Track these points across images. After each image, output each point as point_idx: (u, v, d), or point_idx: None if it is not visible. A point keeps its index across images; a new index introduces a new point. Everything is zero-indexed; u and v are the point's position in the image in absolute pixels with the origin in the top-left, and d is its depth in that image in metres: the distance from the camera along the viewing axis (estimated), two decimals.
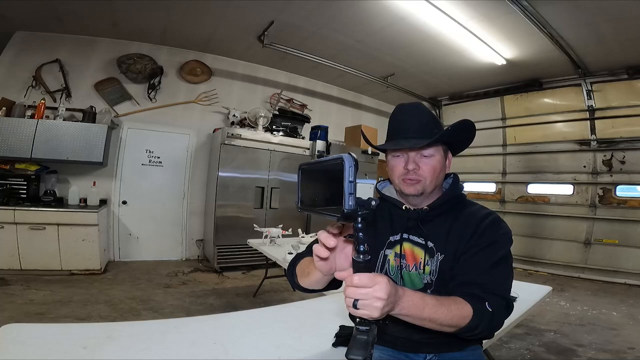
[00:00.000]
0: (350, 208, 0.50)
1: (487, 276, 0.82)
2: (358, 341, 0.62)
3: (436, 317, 0.72)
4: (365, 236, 0.56)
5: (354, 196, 0.51)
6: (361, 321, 0.63)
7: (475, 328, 0.76)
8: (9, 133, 3.54)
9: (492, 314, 0.77)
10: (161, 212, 4.73)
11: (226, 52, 5.03)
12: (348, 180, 0.50)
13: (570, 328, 2.95)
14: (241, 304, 3.19)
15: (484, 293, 0.79)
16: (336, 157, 0.52)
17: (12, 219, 3.33)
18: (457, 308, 0.75)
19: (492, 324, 0.78)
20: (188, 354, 1.08)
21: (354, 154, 0.52)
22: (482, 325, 0.76)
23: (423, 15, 3.64)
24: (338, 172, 0.51)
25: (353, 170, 0.51)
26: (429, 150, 0.91)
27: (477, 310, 0.76)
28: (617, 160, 4.79)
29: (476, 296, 0.78)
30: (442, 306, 0.73)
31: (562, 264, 5.10)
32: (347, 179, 0.50)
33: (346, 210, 0.50)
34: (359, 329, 0.63)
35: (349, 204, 0.50)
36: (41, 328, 1.17)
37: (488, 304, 0.77)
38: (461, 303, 0.76)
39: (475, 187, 6.36)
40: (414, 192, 0.91)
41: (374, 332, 0.64)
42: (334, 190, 0.51)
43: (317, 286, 0.84)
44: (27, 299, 2.84)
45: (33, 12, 3.71)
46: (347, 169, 0.51)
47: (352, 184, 0.51)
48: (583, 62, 4.54)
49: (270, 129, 4.93)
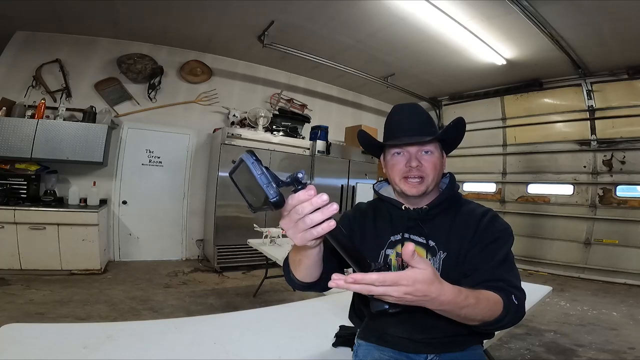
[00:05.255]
0: (275, 196, 0.53)
1: (502, 271, 0.83)
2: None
3: (471, 311, 0.72)
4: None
5: (272, 184, 0.53)
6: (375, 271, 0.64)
7: (502, 320, 0.77)
8: (9, 133, 3.54)
9: (518, 306, 0.80)
10: (161, 212, 4.73)
11: (226, 52, 5.03)
12: (257, 174, 0.53)
13: (571, 328, 2.94)
14: (241, 304, 3.19)
15: (509, 287, 0.80)
16: (239, 160, 0.56)
17: (12, 219, 3.33)
18: (486, 297, 0.76)
19: (517, 315, 0.81)
20: (188, 354, 1.08)
21: (251, 152, 0.55)
22: (509, 317, 0.78)
23: (423, 16, 3.64)
24: (248, 172, 0.54)
25: (257, 164, 0.54)
26: (429, 147, 0.92)
27: (506, 303, 0.78)
28: (617, 161, 4.78)
29: (504, 290, 0.79)
30: (479, 299, 0.74)
31: (562, 264, 5.09)
32: (256, 173, 0.53)
33: (272, 200, 0.54)
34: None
35: (271, 194, 0.53)
36: (41, 328, 1.17)
37: (514, 297, 0.79)
38: (492, 296, 0.77)
39: (476, 187, 6.36)
40: (416, 193, 0.91)
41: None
42: (258, 187, 0.54)
43: (312, 272, 0.83)
44: (27, 299, 2.84)
45: (33, 12, 3.71)
46: (251, 165, 0.54)
47: (264, 175, 0.53)
48: (583, 62, 4.54)
49: (270, 129, 4.94)
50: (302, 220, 0.57)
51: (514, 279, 0.84)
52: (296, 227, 0.58)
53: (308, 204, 0.56)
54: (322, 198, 0.56)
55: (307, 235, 0.58)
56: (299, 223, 0.57)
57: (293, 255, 0.84)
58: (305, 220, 0.57)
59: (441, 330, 0.88)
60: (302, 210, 0.56)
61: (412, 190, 0.91)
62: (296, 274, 0.85)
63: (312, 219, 0.56)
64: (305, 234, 0.58)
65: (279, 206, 0.55)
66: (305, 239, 0.59)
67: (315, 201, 0.56)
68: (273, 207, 0.54)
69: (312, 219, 0.57)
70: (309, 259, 0.77)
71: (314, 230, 0.57)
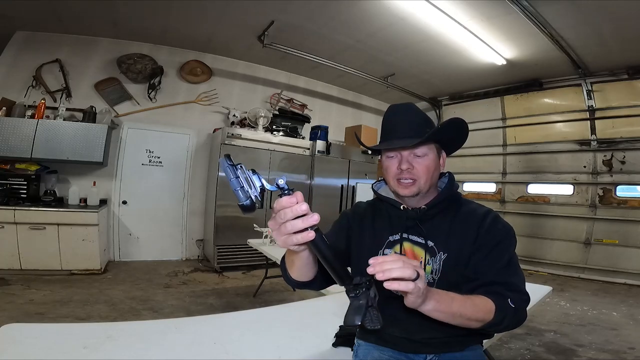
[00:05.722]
0: (244, 200, 0.56)
1: (505, 275, 0.85)
2: (352, 307, 0.66)
3: (464, 311, 0.76)
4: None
5: (244, 188, 0.56)
6: (352, 287, 0.68)
7: (500, 323, 0.80)
8: (9, 133, 3.54)
9: (515, 309, 0.81)
10: (161, 212, 4.73)
11: (226, 52, 5.03)
12: (230, 178, 0.56)
13: (570, 328, 2.94)
14: (241, 304, 3.19)
15: (506, 291, 0.82)
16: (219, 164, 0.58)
17: (12, 219, 3.33)
18: (481, 302, 0.79)
19: (517, 317, 0.83)
20: (188, 354, 1.08)
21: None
22: (507, 320, 0.80)
23: (423, 16, 3.64)
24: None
25: (231, 169, 0.56)
26: (422, 150, 0.91)
27: (500, 307, 0.79)
28: (617, 161, 4.78)
29: (498, 294, 0.81)
30: (467, 299, 0.78)
31: (562, 264, 5.09)
32: (229, 177, 0.56)
33: (240, 203, 0.56)
34: (350, 296, 0.68)
35: (241, 197, 0.56)
36: (41, 328, 1.17)
37: (511, 300, 0.81)
38: (483, 298, 0.80)
39: (475, 187, 6.36)
40: (409, 194, 0.91)
41: (368, 294, 0.67)
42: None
43: (305, 272, 0.85)
44: (27, 299, 2.84)
45: (33, 12, 3.71)
46: (225, 170, 0.56)
47: (236, 179, 0.56)
48: (583, 62, 4.54)
49: (270, 129, 4.94)
50: (284, 225, 0.59)
51: (518, 282, 0.85)
52: (279, 231, 0.61)
53: (289, 210, 0.58)
54: (301, 207, 0.58)
55: (288, 241, 0.61)
56: (281, 227, 0.60)
57: (288, 255, 0.87)
58: (286, 226, 0.59)
59: (440, 330, 0.88)
60: (284, 216, 0.59)
61: (405, 191, 0.91)
62: (291, 273, 0.88)
63: (293, 225, 0.59)
64: (287, 239, 0.61)
65: (247, 210, 0.57)
66: (287, 243, 0.62)
67: (295, 209, 0.58)
68: (242, 210, 0.57)
69: (293, 226, 0.59)
70: (300, 260, 0.80)
71: (294, 237, 0.60)
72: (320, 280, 0.89)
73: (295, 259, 0.81)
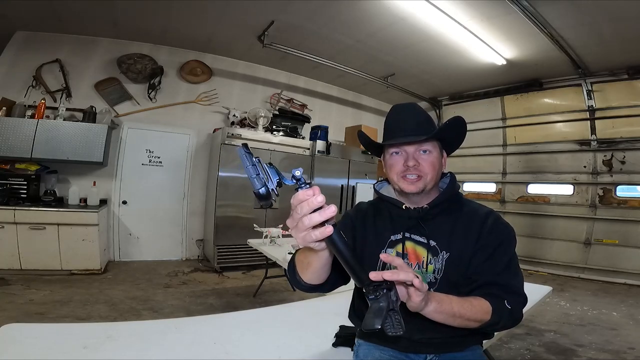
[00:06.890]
0: (259, 187, 0.54)
1: (504, 276, 0.86)
2: (371, 309, 0.63)
3: (464, 312, 0.78)
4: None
5: (260, 176, 0.55)
6: (372, 288, 0.64)
7: (497, 323, 0.83)
8: (9, 133, 3.54)
9: (511, 310, 0.83)
10: (161, 212, 4.73)
11: (226, 52, 5.03)
12: (246, 165, 0.55)
13: (570, 328, 2.94)
14: (241, 304, 3.19)
15: (503, 293, 0.83)
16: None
17: (12, 219, 3.33)
18: (479, 303, 0.81)
19: (513, 317, 0.84)
20: (188, 354, 1.08)
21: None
22: (503, 321, 0.83)
23: (423, 16, 3.64)
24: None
25: (248, 157, 0.55)
26: (427, 146, 0.92)
27: (497, 308, 0.81)
28: (617, 161, 4.78)
29: (496, 295, 0.83)
30: (465, 301, 0.80)
31: (562, 264, 5.09)
32: (246, 165, 0.55)
33: (255, 190, 0.55)
34: (370, 298, 0.64)
35: (256, 185, 0.54)
36: (41, 328, 1.17)
37: (507, 302, 0.82)
38: (481, 300, 0.82)
39: (476, 187, 6.36)
40: (415, 190, 0.91)
41: (389, 296, 0.64)
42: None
43: (320, 275, 0.81)
44: (27, 299, 2.84)
45: (33, 12, 3.71)
46: (242, 157, 0.55)
47: (253, 167, 0.55)
48: (583, 62, 4.54)
49: (270, 129, 4.94)
50: (302, 221, 0.57)
51: (516, 284, 0.87)
52: (297, 228, 0.59)
53: (306, 203, 0.56)
54: (317, 199, 0.56)
55: (307, 237, 0.59)
56: (299, 223, 0.58)
57: (301, 257, 0.83)
58: (304, 220, 0.57)
59: (441, 331, 0.88)
60: (301, 210, 0.57)
61: (411, 187, 0.91)
62: (303, 276, 0.84)
63: (310, 219, 0.57)
64: (306, 235, 0.59)
65: (262, 198, 0.56)
66: (306, 240, 0.60)
67: (311, 201, 0.56)
68: (257, 199, 0.56)
69: (311, 219, 0.57)
70: (319, 261, 0.75)
71: (313, 233, 0.58)
72: (331, 282, 0.87)
73: (313, 260, 0.76)
